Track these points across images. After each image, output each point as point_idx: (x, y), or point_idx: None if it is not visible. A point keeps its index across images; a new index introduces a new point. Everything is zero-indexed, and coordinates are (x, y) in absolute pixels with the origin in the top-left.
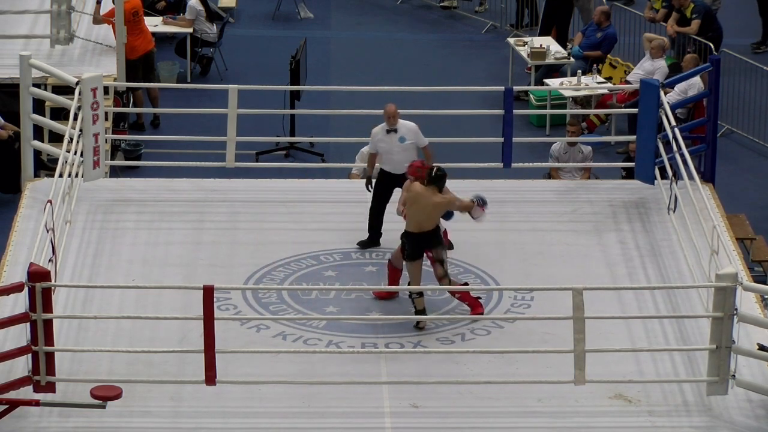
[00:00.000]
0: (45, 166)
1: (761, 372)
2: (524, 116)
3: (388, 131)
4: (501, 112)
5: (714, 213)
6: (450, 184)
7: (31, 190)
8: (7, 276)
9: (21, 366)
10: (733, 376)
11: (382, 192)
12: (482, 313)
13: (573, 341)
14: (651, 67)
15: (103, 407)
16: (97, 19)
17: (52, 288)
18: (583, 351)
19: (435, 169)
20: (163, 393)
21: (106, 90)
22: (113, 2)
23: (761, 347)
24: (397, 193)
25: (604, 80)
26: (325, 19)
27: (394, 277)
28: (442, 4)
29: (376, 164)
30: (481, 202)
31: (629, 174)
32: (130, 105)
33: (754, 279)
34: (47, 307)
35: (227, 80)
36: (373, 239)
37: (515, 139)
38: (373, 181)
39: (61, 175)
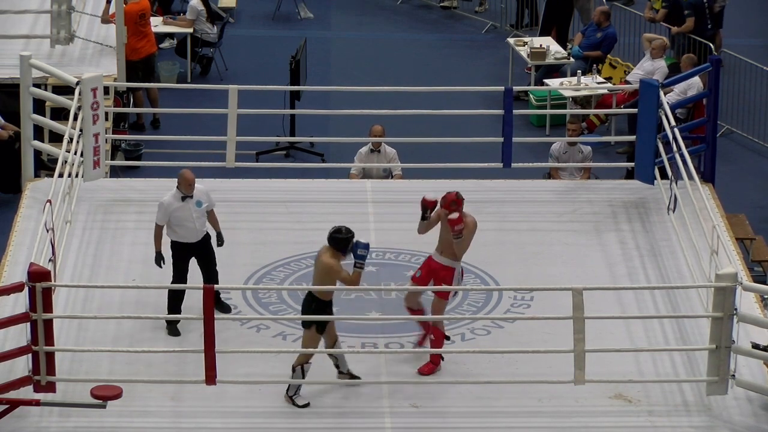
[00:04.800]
0: (45, 166)
1: (761, 372)
2: (524, 116)
3: (183, 198)
4: (501, 112)
5: (714, 213)
6: (450, 184)
7: (31, 190)
8: (7, 276)
9: (21, 366)
10: (733, 376)
11: (183, 267)
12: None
13: (573, 341)
14: (651, 67)
15: (104, 407)
16: (105, 19)
17: (52, 288)
18: (583, 351)
19: (334, 230)
20: (163, 393)
21: (106, 90)
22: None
23: (754, 346)
24: (193, 262)
25: (604, 80)
26: (325, 19)
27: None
28: (442, 4)
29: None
30: (359, 257)
31: (630, 174)
32: (130, 105)
33: (754, 279)
34: (47, 307)
35: (227, 80)
36: (174, 321)
37: (515, 139)
38: (166, 258)
39: (61, 175)
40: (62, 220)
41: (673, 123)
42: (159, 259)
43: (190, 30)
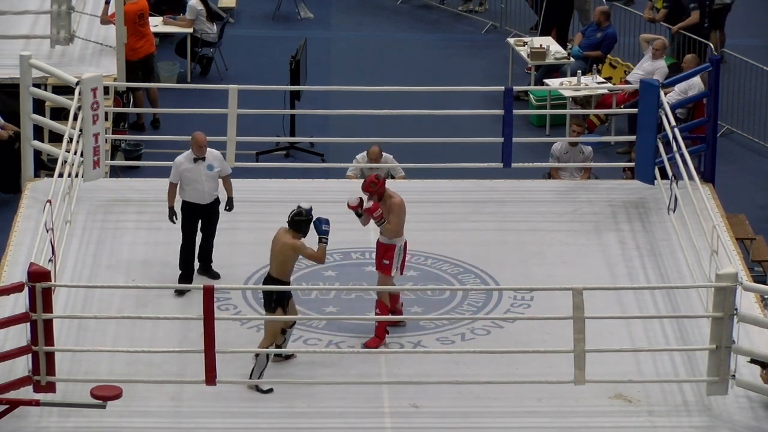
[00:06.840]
0: (45, 166)
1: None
2: (524, 116)
3: (195, 159)
4: (501, 112)
5: (714, 213)
6: (450, 184)
7: (31, 190)
8: (7, 276)
9: (21, 366)
10: (733, 376)
11: (190, 227)
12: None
13: (573, 341)
14: (651, 67)
15: (103, 407)
16: (104, 20)
17: (52, 288)
18: (583, 351)
19: (294, 212)
20: (163, 393)
21: (106, 90)
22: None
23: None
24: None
25: (604, 80)
26: (325, 19)
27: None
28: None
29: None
30: (323, 232)
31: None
32: (130, 105)
33: (754, 279)
34: (47, 307)
35: (227, 80)
36: (187, 278)
37: (515, 139)
38: (178, 214)
39: (61, 175)
40: (62, 220)
41: (673, 123)
42: (171, 214)
43: (190, 30)
